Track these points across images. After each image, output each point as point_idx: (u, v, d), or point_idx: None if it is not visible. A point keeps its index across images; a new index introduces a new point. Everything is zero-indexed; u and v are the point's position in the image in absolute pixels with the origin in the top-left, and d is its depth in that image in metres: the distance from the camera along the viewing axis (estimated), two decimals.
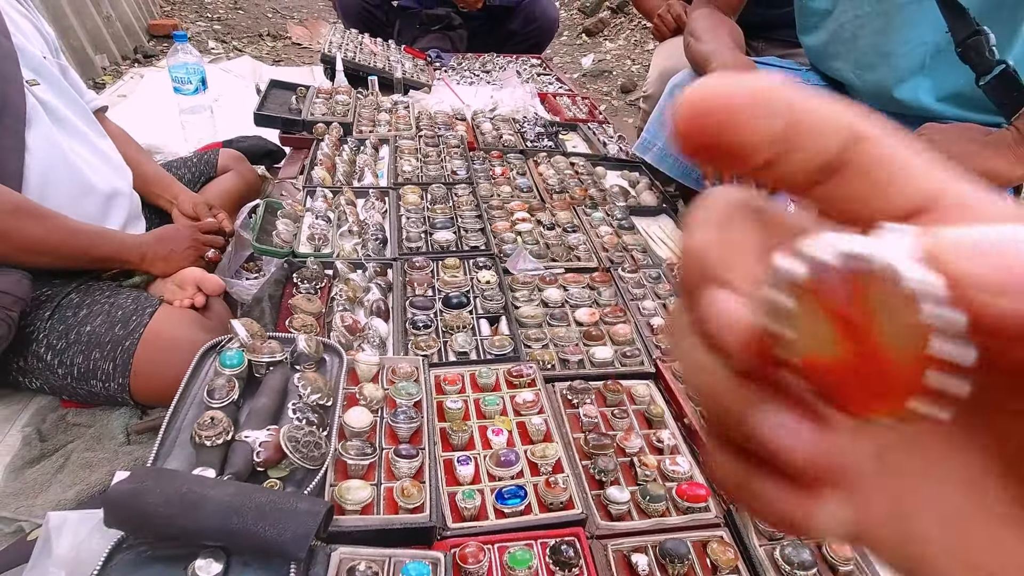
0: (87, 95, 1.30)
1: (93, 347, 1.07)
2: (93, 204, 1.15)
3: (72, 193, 1.11)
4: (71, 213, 1.08)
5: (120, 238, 1.14)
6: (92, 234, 1.09)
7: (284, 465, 0.62)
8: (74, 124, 1.17)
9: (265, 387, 0.69)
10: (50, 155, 1.08)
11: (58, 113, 1.13)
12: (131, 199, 1.26)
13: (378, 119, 1.64)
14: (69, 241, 1.05)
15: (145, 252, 1.15)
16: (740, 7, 1.46)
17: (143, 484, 0.51)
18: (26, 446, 1.14)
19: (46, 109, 1.10)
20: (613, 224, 1.32)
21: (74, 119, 1.17)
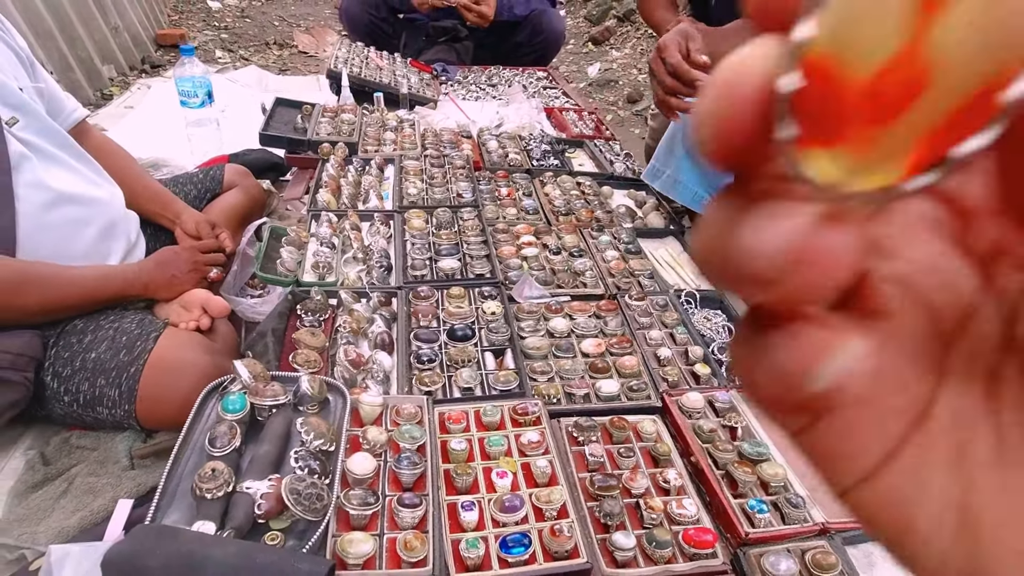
0: (67, 107, 1.24)
1: (98, 374, 1.07)
2: (91, 238, 1.13)
3: (67, 233, 1.09)
4: (69, 253, 1.06)
5: (122, 275, 1.13)
6: (95, 279, 1.08)
7: (286, 516, 0.61)
8: (59, 157, 1.13)
9: (268, 432, 0.68)
10: (41, 199, 1.05)
11: (42, 151, 1.09)
12: (127, 222, 1.23)
13: (384, 137, 1.64)
14: (74, 295, 1.05)
15: (147, 282, 1.14)
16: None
17: (143, 546, 0.50)
18: (29, 470, 1.14)
19: (29, 148, 1.06)
20: (620, 248, 1.31)
21: (57, 151, 1.13)
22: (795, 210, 0.10)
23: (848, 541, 0.78)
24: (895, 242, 0.12)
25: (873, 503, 0.13)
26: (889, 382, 0.13)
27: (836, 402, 0.13)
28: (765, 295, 0.11)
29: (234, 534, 0.57)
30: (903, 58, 0.08)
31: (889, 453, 0.13)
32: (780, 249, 0.10)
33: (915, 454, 0.13)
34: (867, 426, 0.13)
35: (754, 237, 0.11)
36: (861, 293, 0.13)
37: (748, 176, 0.11)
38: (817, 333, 0.12)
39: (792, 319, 0.12)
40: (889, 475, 0.13)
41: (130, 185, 1.29)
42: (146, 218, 1.32)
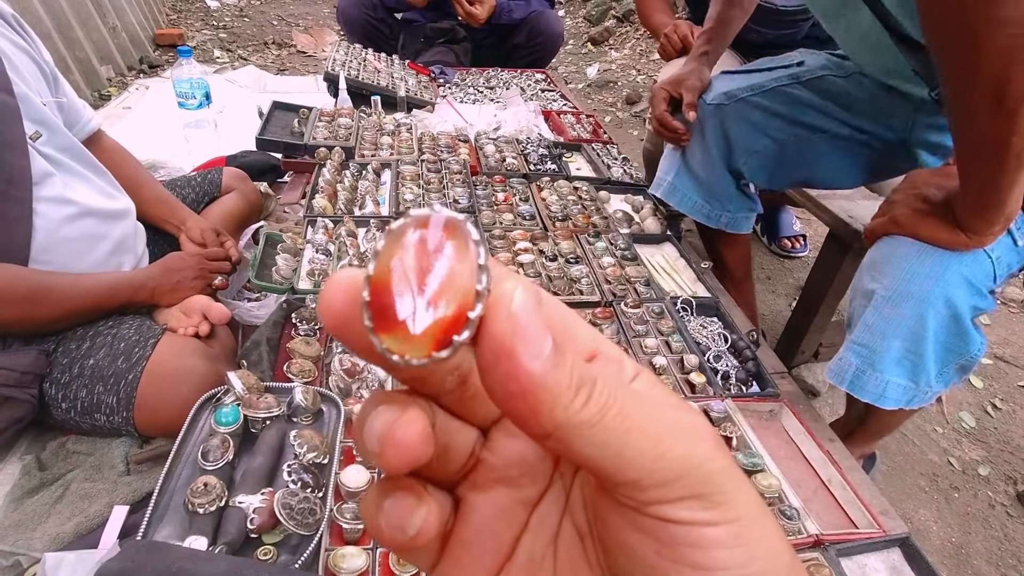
0: (84, 117, 1.25)
1: (96, 381, 1.07)
2: (104, 252, 1.14)
3: (82, 248, 1.10)
4: (79, 266, 1.08)
5: (129, 283, 1.13)
6: (104, 287, 1.08)
7: (279, 531, 0.61)
8: (79, 171, 1.14)
9: (261, 445, 0.68)
10: (59, 214, 1.07)
11: (63, 165, 1.11)
12: (136, 237, 1.24)
13: (380, 142, 1.63)
14: (84, 303, 1.05)
15: (154, 288, 1.14)
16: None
17: (133, 563, 0.50)
18: (25, 475, 1.13)
19: (51, 163, 1.08)
20: (616, 254, 1.31)
21: (77, 166, 1.15)
22: (387, 408, 0.16)
23: (842, 553, 0.79)
24: (499, 446, 0.20)
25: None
26: (487, 532, 0.20)
27: (424, 545, 0.19)
28: (376, 464, 0.16)
29: (226, 549, 0.57)
30: (418, 289, 0.15)
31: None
32: (375, 436, 0.16)
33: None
34: (472, 564, 0.20)
35: (365, 425, 0.16)
36: (474, 472, 0.20)
37: (356, 348, 0.16)
38: (406, 500, 0.18)
39: (396, 489, 0.18)
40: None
41: (138, 191, 1.29)
42: (151, 223, 1.32)
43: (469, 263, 0.15)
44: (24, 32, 1.18)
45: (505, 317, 0.15)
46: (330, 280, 0.16)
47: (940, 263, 0.90)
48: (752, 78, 1.31)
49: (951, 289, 0.89)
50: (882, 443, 1.50)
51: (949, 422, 1.59)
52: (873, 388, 0.96)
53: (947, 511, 1.37)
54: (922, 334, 0.92)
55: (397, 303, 0.15)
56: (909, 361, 0.95)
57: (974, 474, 1.46)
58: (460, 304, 0.15)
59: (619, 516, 0.17)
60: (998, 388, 1.71)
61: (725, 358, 1.09)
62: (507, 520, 0.20)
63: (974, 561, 1.27)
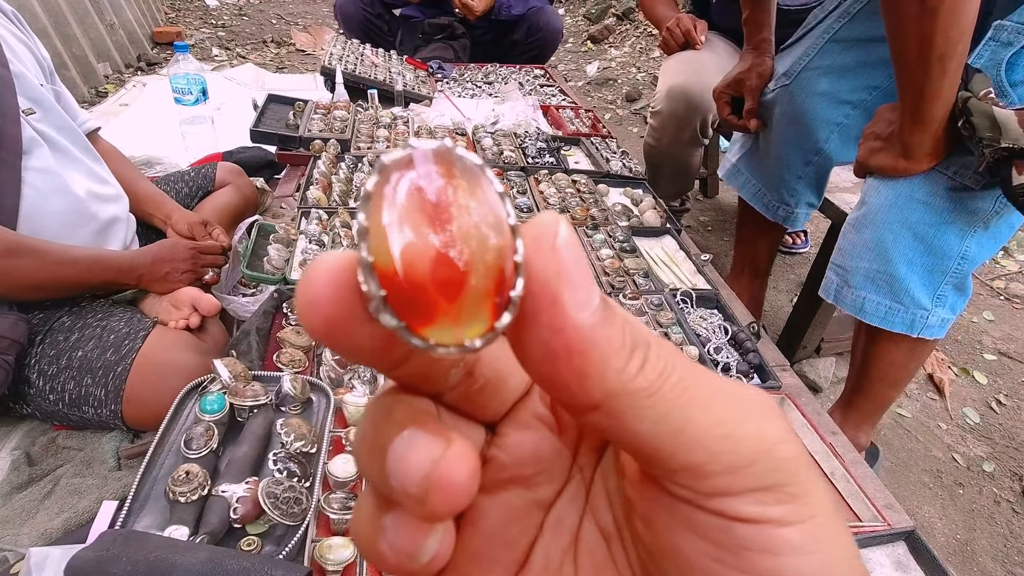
0: (80, 117, 1.27)
1: (85, 373, 1.05)
2: (90, 232, 1.13)
3: (69, 222, 1.09)
4: (67, 241, 1.07)
5: (116, 262, 1.12)
6: (88, 261, 1.07)
7: (263, 521, 0.59)
8: (71, 152, 1.15)
9: (247, 434, 0.66)
10: (47, 186, 1.07)
11: (55, 143, 1.11)
12: (128, 225, 1.24)
13: (377, 135, 1.62)
14: (66, 273, 1.04)
15: (142, 273, 1.13)
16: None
17: (108, 552, 0.48)
18: (14, 471, 1.12)
19: (43, 138, 1.08)
20: (615, 246, 1.29)
21: (71, 147, 1.15)
22: (426, 439, 0.13)
23: None
24: (510, 442, 0.17)
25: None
26: (497, 540, 0.17)
27: (437, 569, 0.16)
28: (411, 509, 0.14)
29: (208, 539, 0.55)
30: (440, 256, 0.12)
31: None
32: (418, 477, 0.13)
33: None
34: (482, 575, 0.17)
35: (397, 458, 0.13)
36: (482, 476, 0.16)
37: (354, 351, 0.13)
38: (416, 523, 0.15)
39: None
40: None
41: (129, 188, 1.29)
42: (139, 219, 1.31)
43: (485, 194, 0.12)
44: (23, 28, 1.20)
45: (549, 254, 0.12)
46: (309, 272, 0.12)
47: (893, 191, 1.00)
48: (803, 45, 1.27)
49: (906, 213, 0.99)
50: (885, 439, 1.48)
51: (953, 418, 1.57)
52: (851, 303, 1.08)
53: (952, 508, 1.34)
54: (886, 255, 1.02)
55: (427, 285, 0.12)
56: (883, 281, 1.05)
57: (979, 470, 1.44)
58: (499, 248, 0.12)
59: (667, 513, 0.14)
60: (1002, 384, 1.69)
61: (726, 350, 1.07)
62: (521, 524, 0.17)
63: (979, 558, 1.25)
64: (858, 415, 1.25)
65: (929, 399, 1.62)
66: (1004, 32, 0.90)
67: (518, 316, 0.12)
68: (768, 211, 1.40)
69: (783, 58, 1.31)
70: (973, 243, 0.98)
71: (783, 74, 1.27)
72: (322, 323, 0.12)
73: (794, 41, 1.32)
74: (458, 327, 0.12)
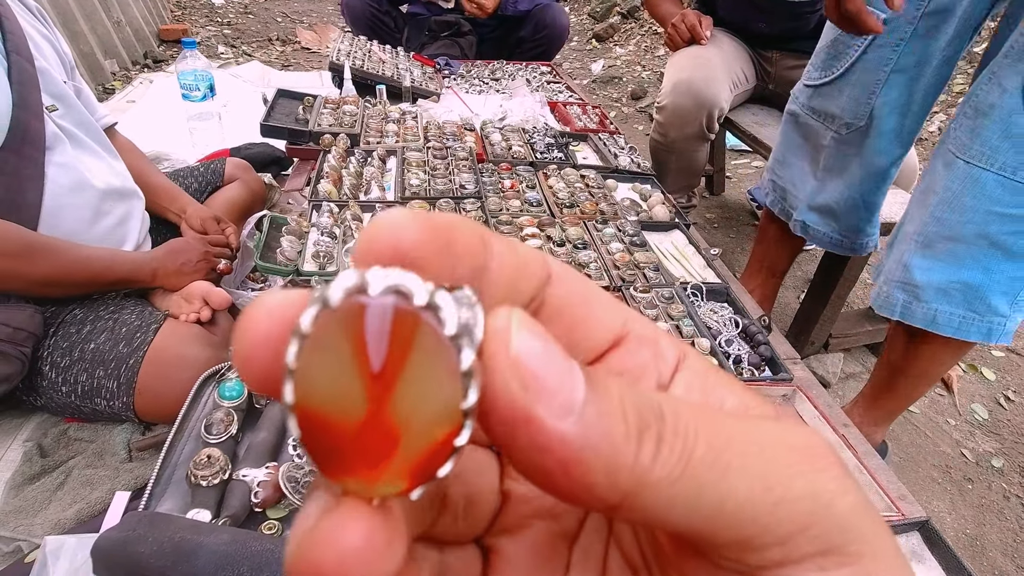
0: (98, 112, 1.28)
1: (97, 365, 1.06)
2: (107, 227, 1.14)
3: (87, 217, 1.10)
4: (86, 237, 1.08)
5: (132, 259, 1.13)
6: (104, 260, 1.08)
7: (283, 505, 0.60)
8: (91, 148, 1.16)
9: (265, 420, 0.66)
10: (69, 181, 1.07)
11: (77, 139, 1.12)
12: (143, 220, 1.25)
13: (386, 130, 1.62)
14: (81, 271, 1.04)
15: (156, 269, 1.13)
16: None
17: (134, 532, 0.48)
18: (27, 462, 1.12)
19: (65, 134, 1.09)
20: (624, 240, 1.29)
21: (91, 143, 1.16)
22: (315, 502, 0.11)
23: None
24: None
25: None
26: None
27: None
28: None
29: (230, 523, 0.56)
30: (372, 422, 0.10)
31: None
32: (297, 558, 0.11)
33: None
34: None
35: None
36: (503, 513, 0.16)
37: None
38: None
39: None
40: None
41: (144, 181, 1.31)
42: (153, 212, 1.32)
43: (442, 370, 0.10)
44: (47, 24, 1.21)
45: (507, 369, 0.11)
46: (248, 314, 0.11)
47: (969, 203, 0.94)
48: (857, 81, 1.18)
49: (984, 227, 0.94)
50: (893, 434, 1.48)
51: (961, 414, 1.57)
52: (922, 316, 1.03)
53: (961, 503, 1.34)
54: (962, 268, 0.98)
55: (350, 440, 0.10)
56: (956, 291, 1.00)
57: (988, 466, 1.43)
58: (441, 432, 0.11)
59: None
60: (1011, 380, 1.69)
61: (737, 343, 1.07)
62: (550, 564, 0.16)
63: (989, 553, 1.24)
64: (879, 413, 1.25)
65: (937, 395, 1.62)
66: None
67: (500, 444, 0.11)
68: (855, 251, 1.39)
69: (832, 96, 1.23)
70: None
71: (848, 119, 1.20)
72: (258, 381, 0.11)
73: (836, 78, 1.22)
74: (373, 485, 0.11)
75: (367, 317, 0.10)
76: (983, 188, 0.93)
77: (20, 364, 0.96)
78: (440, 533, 0.15)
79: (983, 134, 0.92)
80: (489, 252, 0.13)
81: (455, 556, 0.15)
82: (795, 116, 1.35)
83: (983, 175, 0.93)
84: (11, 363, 0.97)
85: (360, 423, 0.10)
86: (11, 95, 0.99)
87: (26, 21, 1.12)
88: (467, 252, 0.12)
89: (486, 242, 0.13)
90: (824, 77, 1.24)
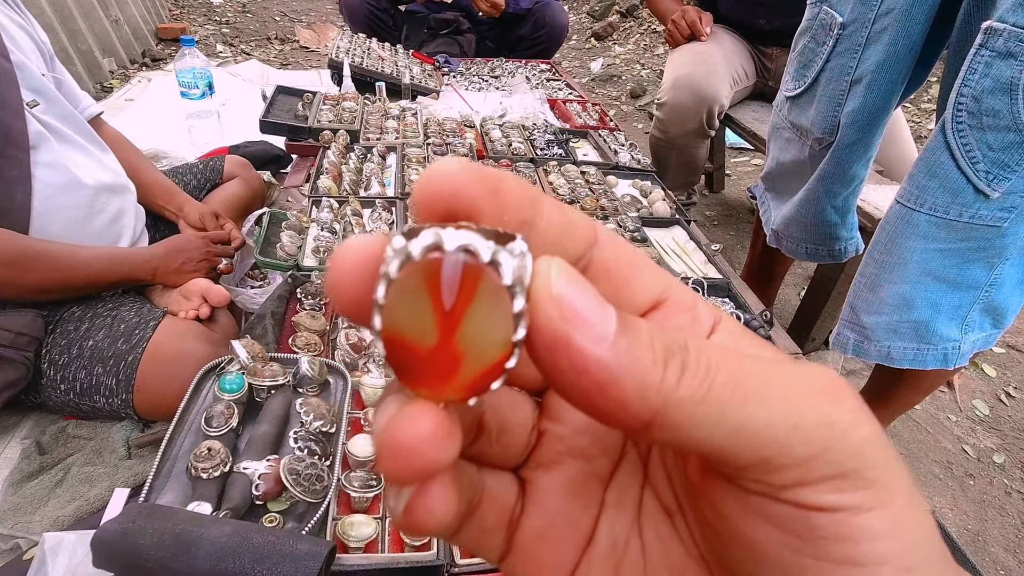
0: (83, 103, 1.25)
1: (96, 362, 1.05)
2: (101, 225, 1.13)
3: (80, 216, 1.08)
4: (80, 237, 1.06)
5: (131, 258, 1.11)
6: (103, 260, 1.06)
7: (285, 498, 0.59)
8: (77, 142, 1.13)
9: (266, 413, 0.66)
10: (57, 180, 1.05)
11: (61, 134, 1.10)
12: (136, 214, 1.23)
13: (385, 126, 1.62)
14: (80, 275, 1.03)
15: (156, 267, 1.12)
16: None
17: (134, 524, 0.48)
18: (25, 459, 1.12)
19: (49, 130, 1.07)
20: (625, 236, 1.29)
21: (77, 137, 1.14)
22: (388, 410, 0.13)
23: None
24: (561, 411, 0.17)
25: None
26: (562, 517, 0.17)
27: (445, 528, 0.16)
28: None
29: (231, 515, 0.55)
30: (440, 348, 0.13)
31: (568, 574, 0.17)
32: (381, 439, 0.13)
33: (585, 572, 0.17)
34: (549, 555, 0.17)
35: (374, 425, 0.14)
36: (538, 448, 0.17)
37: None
38: (416, 502, 0.14)
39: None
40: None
41: (138, 177, 1.28)
42: (150, 210, 1.31)
43: (499, 311, 0.13)
44: (20, 11, 1.18)
45: (549, 304, 0.12)
46: (338, 254, 0.13)
47: (907, 243, 0.92)
48: (822, 93, 1.12)
49: (925, 264, 0.92)
50: (895, 431, 1.48)
51: (962, 410, 1.57)
52: (876, 353, 1.01)
53: (962, 498, 1.34)
54: (909, 307, 0.96)
55: (423, 360, 0.13)
56: (906, 329, 0.98)
57: (989, 461, 1.43)
58: (494, 357, 0.13)
59: (738, 503, 0.14)
60: (1011, 376, 1.69)
61: None
62: (583, 500, 0.17)
63: (991, 548, 1.24)
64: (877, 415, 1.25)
65: (938, 391, 1.61)
66: (999, 38, 0.74)
67: (544, 369, 0.13)
68: (834, 259, 1.35)
69: (804, 108, 1.17)
70: (1007, 268, 0.91)
71: (818, 134, 1.14)
72: (347, 306, 0.14)
73: (807, 88, 1.16)
74: (439, 394, 0.13)
75: (443, 269, 0.12)
76: (917, 228, 0.90)
77: (25, 369, 0.95)
78: (477, 454, 0.17)
79: (913, 174, 0.89)
80: (538, 210, 0.14)
81: (493, 480, 0.17)
82: (780, 130, 1.29)
83: (914, 216, 0.89)
84: (16, 368, 0.97)
85: (432, 348, 0.13)
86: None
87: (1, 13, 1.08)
88: (515, 203, 0.14)
89: (535, 200, 0.14)
90: (798, 88, 1.18)
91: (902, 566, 0.13)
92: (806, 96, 1.16)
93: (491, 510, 0.17)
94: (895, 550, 0.13)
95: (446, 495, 0.14)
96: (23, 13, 1.17)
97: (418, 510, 0.14)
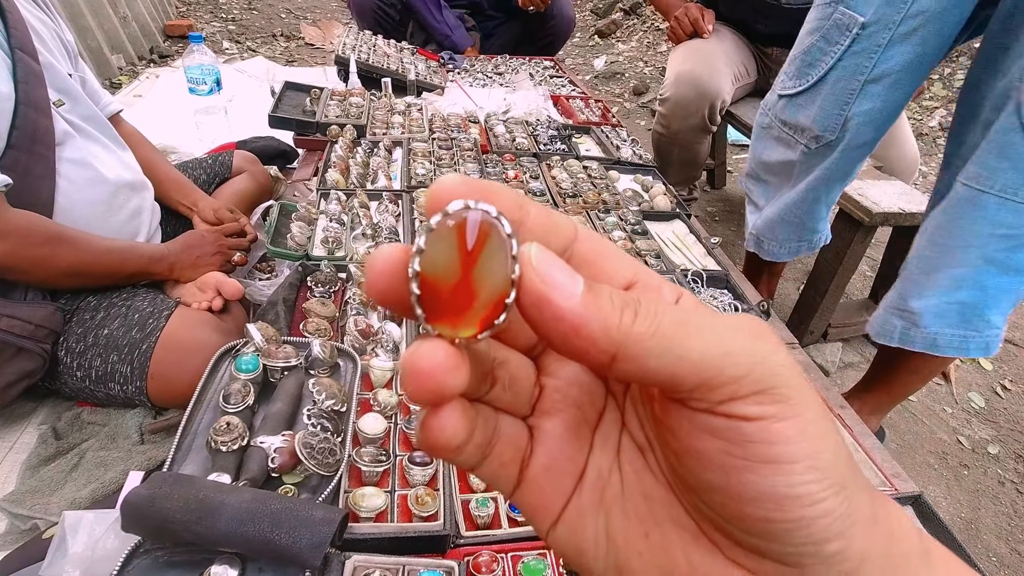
0: (103, 99, 1.29)
1: (111, 350, 1.08)
2: (120, 221, 1.16)
3: (100, 212, 1.11)
4: (100, 230, 1.09)
5: (149, 252, 1.14)
6: (123, 251, 1.10)
7: (299, 471, 0.62)
8: (100, 140, 1.16)
9: (280, 392, 0.69)
10: (80, 177, 1.09)
11: (85, 132, 1.13)
12: (153, 211, 1.26)
13: (392, 121, 1.64)
14: (102, 262, 1.06)
15: (173, 262, 1.15)
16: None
17: (161, 490, 0.51)
18: (42, 444, 1.15)
19: (74, 129, 1.10)
20: (627, 229, 1.31)
21: (99, 136, 1.17)
22: (419, 345, 0.17)
23: None
24: (554, 367, 0.21)
25: (561, 539, 0.21)
26: (562, 456, 0.21)
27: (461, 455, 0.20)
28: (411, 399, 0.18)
29: (249, 485, 0.58)
30: (462, 283, 0.17)
31: (565, 503, 0.21)
32: (404, 364, 0.17)
33: (577, 502, 0.21)
34: (552, 486, 0.21)
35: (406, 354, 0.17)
36: (540, 400, 0.21)
37: (403, 313, 0.18)
38: (430, 420, 0.18)
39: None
40: (567, 518, 0.21)
41: (154, 173, 1.31)
42: (164, 204, 1.34)
43: (503, 255, 0.16)
44: (49, 11, 1.21)
45: (531, 272, 0.16)
46: (373, 258, 0.17)
47: (970, 227, 0.93)
48: (829, 91, 1.12)
49: (986, 250, 0.93)
50: (891, 422, 1.50)
51: (958, 402, 1.59)
52: (922, 341, 1.03)
53: (957, 488, 1.37)
54: (962, 289, 0.97)
55: (446, 298, 0.17)
56: (954, 313, 0.99)
57: (983, 452, 1.46)
58: (499, 293, 0.17)
59: (688, 422, 0.17)
60: (1007, 370, 1.71)
61: None
62: (578, 442, 0.21)
63: (984, 536, 1.27)
64: (874, 405, 1.27)
65: (935, 384, 1.64)
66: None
67: (533, 323, 0.17)
68: (811, 249, 1.39)
69: (804, 106, 1.17)
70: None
71: (819, 131, 1.14)
72: (381, 297, 0.17)
73: (810, 87, 1.16)
74: (456, 328, 0.17)
75: (467, 221, 0.16)
76: (984, 210, 0.91)
77: (42, 360, 0.98)
78: (494, 399, 0.21)
79: (980, 156, 0.90)
80: (525, 213, 0.18)
81: (509, 424, 0.21)
82: (767, 130, 1.29)
83: (982, 198, 0.90)
84: (33, 359, 1.00)
85: (455, 284, 0.17)
86: (16, 93, 0.98)
87: (28, 11, 1.11)
88: (506, 208, 0.18)
89: (523, 205, 0.18)
90: (798, 86, 1.18)
91: (810, 464, 0.16)
92: (807, 95, 1.17)
93: (507, 447, 0.21)
94: (804, 451, 0.16)
95: (455, 418, 0.18)
96: (51, 13, 1.21)
97: (432, 427, 0.18)
